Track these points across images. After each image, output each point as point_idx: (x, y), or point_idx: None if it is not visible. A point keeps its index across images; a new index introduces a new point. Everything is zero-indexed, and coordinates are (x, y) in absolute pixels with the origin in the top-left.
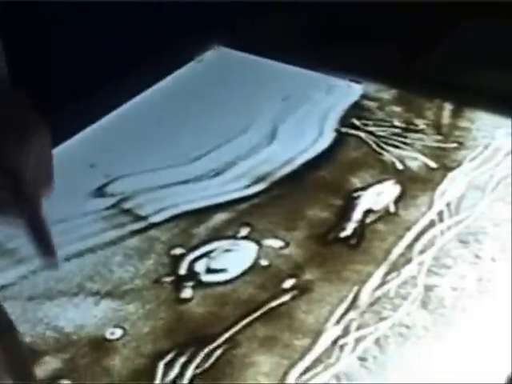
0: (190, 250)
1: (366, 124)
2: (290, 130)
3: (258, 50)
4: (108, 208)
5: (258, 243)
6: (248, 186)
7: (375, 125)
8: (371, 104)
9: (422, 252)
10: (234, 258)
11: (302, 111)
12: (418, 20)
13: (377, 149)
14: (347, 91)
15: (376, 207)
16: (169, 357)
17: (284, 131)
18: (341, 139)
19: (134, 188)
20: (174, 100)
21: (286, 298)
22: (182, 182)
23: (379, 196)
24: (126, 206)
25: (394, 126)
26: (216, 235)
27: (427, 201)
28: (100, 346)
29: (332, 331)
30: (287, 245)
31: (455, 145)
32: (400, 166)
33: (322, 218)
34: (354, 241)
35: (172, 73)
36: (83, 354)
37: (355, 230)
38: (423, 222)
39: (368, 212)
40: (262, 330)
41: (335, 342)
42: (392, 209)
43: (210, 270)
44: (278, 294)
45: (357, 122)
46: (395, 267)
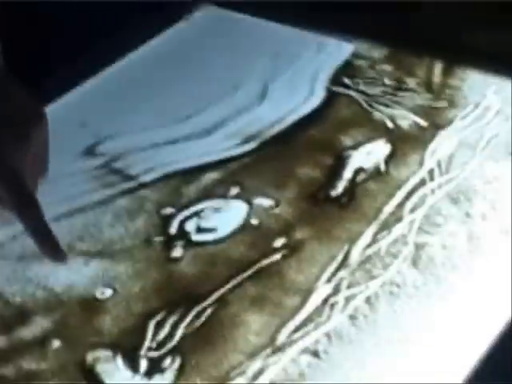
0: (180, 209)
1: (357, 83)
2: (280, 89)
3: (248, 9)
4: (98, 168)
5: (249, 202)
6: (238, 146)
7: (366, 83)
8: (362, 63)
9: (412, 210)
10: (225, 217)
11: (292, 70)
12: None
13: (367, 108)
14: (338, 50)
15: (366, 166)
16: (159, 316)
17: (274, 90)
18: (331, 98)
19: (124, 147)
20: (163, 60)
21: (276, 257)
22: (172, 142)
23: (370, 155)
24: (116, 165)
25: (385, 85)
26: (206, 194)
27: (418, 159)
28: (90, 305)
29: (322, 290)
30: (277, 204)
31: (446, 103)
32: (390, 125)
33: (312, 176)
34: (344, 199)
35: (160, 33)
36: (73, 314)
37: (346, 188)
38: (414, 181)
39: (359, 171)
40: (252, 289)
41: (326, 300)
42: (383, 167)
43: (200, 230)
44: (269, 253)
45: (347, 81)
46: (386, 226)
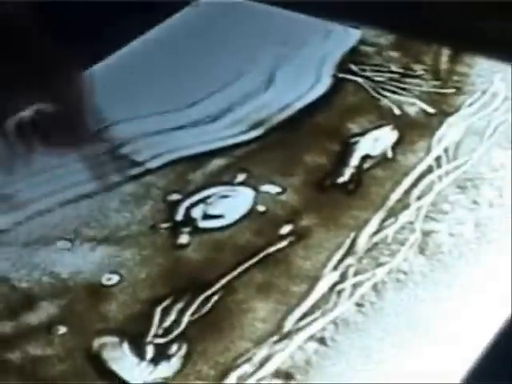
0: (187, 195)
1: (364, 69)
2: (287, 76)
3: None
4: (104, 153)
5: (255, 189)
6: (245, 132)
7: (373, 70)
8: (369, 49)
9: (419, 197)
10: (231, 203)
11: (299, 57)
12: None
13: (374, 94)
14: (345, 36)
15: (373, 153)
16: (166, 303)
17: (281, 77)
18: (338, 85)
19: (131, 133)
20: (170, 46)
21: (283, 244)
22: (179, 128)
23: (377, 142)
24: (123, 151)
25: (392, 72)
26: (213, 181)
27: (425, 146)
28: (96, 291)
29: (329, 277)
30: (284, 190)
31: (453, 90)
32: (398, 112)
33: (319, 163)
34: (351, 186)
35: (168, 18)
36: (80, 300)
37: (352, 175)
38: (421, 168)
39: (365, 158)
40: (258, 276)
41: (332, 287)
42: (390, 154)
43: (206, 216)
44: (275, 240)
45: (354, 68)
46: (393, 213)
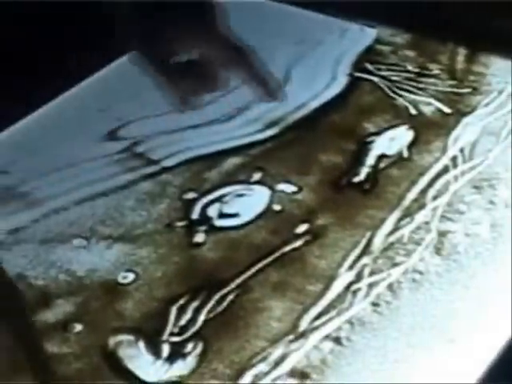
0: (203, 194)
1: (380, 68)
2: (303, 75)
3: None
4: (120, 152)
5: (271, 188)
6: (261, 131)
7: (388, 69)
8: (385, 48)
9: (435, 197)
10: (247, 202)
11: (315, 56)
12: None
13: (390, 93)
14: (360, 35)
15: (389, 152)
16: (181, 301)
17: (297, 76)
18: (354, 84)
19: (147, 132)
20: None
21: (298, 243)
22: (195, 126)
23: (393, 141)
24: (139, 149)
25: (408, 71)
26: (228, 180)
27: (441, 146)
28: (112, 289)
29: (345, 276)
30: (300, 189)
31: (469, 90)
32: (414, 111)
33: (335, 162)
34: (367, 186)
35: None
36: (96, 298)
37: (368, 175)
38: (437, 168)
39: (381, 157)
40: (274, 275)
41: (348, 287)
42: (405, 154)
43: (222, 215)
44: (291, 239)
45: (370, 67)
46: (409, 212)
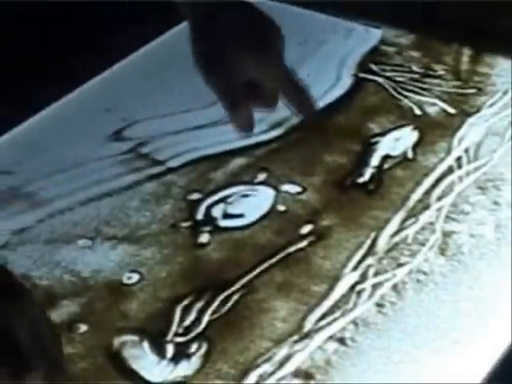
0: (207, 195)
1: (384, 69)
2: (307, 76)
3: None
4: (125, 152)
5: (276, 188)
6: (265, 131)
7: (393, 70)
8: (389, 49)
9: (440, 198)
10: (252, 203)
11: (319, 56)
12: None
13: (395, 94)
14: (365, 36)
15: (394, 153)
16: (186, 301)
17: (301, 76)
18: (359, 84)
19: (152, 132)
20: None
21: (303, 244)
22: (200, 127)
23: (397, 142)
24: (144, 150)
25: (413, 72)
26: (233, 180)
27: (446, 147)
28: (117, 290)
29: (349, 277)
30: (305, 190)
31: (474, 90)
32: (418, 112)
33: (339, 163)
34: (371, 186)
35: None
36: (100, 298)
37: (373, 175)
38: (441, 168)
39: (386, 158)
40: (279, 275)
41: (352, 287)
42: (410, 155)
43: (227, 215)
44: (296, 240)
45: (375, 68)
46: (413, 213)
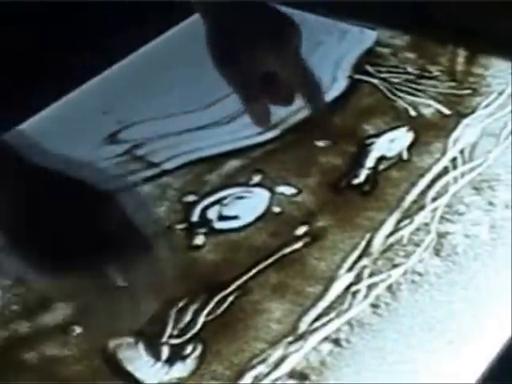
0: (203, 196)
1: (380, 71)
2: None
3: None
4: (120, 155)
5: (271, 190)
6: (261, 133)
7: (388, 71)
8: (385, 50)
9: (435, 199)
10: (247, 204)
11: (315, 58)
12: None
13: (390, 95)
14: (360, 38)
15: (389, 154)
16: (181, 303)
17: None
18: (354, 86)
19: (147, 134)
20: (185, 48)
21: (298, 245)
22: (195, 129)
23: (392, 143)
24: (139, 152)
25: (408, 73)
26: (228, 182)
27: (441, 147)
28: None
29: (344, 278)
30: (300, 192)
31: (469, 91)
32: (413, 113)
33: (334, 164)
34: (366, 188)
35: (184, 20)
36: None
37: (368, 176)
38: (436, 169)
39: (381, 159)
40: (274, 276)
41: (347, 288)
42: (405, 155)
43: (222, 217)
44: (291, 241)
45: (370, 69)
46: (408, 214)
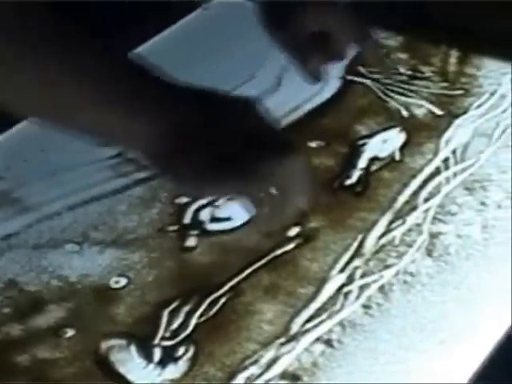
0: (195, 198)
1: (372, 71)
2: (295, 78)
3: None
4: (113, 157)
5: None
6: None
7: (381, 72)
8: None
9: (427, 199)
10: (239, 206)
11: None
12: None
13: (382, 96)
14: None
15: (381, 155)
16: (173, 305)
17: (289, 79)
18: (346, 87)
19: None
20: (180, 48)
21: (290, 246)
22: None
23: (385, 143)
24: (131, 154)
25: (400, 74)
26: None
27: (433, 148)
28: (104, 294)
29: (336, 279)
30: None
31: (461, 92)
32: (406, 114)
33: (327, 165)
34: (359, 188)
35: (179, 20)
36: (88, 303)
37: (360, 177)
38: (429, 170)
39: (373, 160)
40: (266, 278)
41: (339, 289)
42: (397, 156)
43: (214, 219)
44: (283, 242)
45: (362, 70)
46: (400, 215)
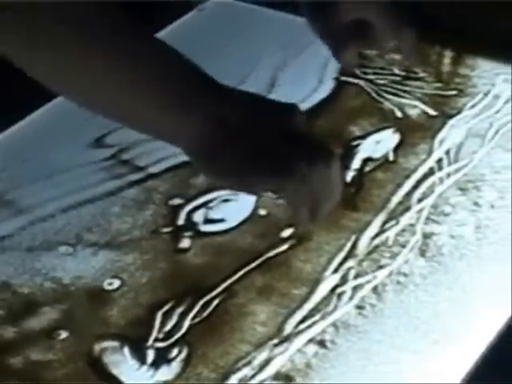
0: (189, 200)
1: (366, 72)
2: (289, 79)
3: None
4: (106, 159)
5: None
6: None
7: (375, 73)
8: (371, 52)
9: (420, 200)
10: (233, 207)
11: (301, 60)
12: None
13: (376, 97)
14: None
15: (375, 155)
16: (167, 307)
17: (283, 80)
18: (340, 88)
19: (133, 138)
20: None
21: (284, 247)
22: None
23: (378, 144)
24: (125, 156)
25: (394, 74)
26: (214, 185)
27: (426, 148)
28: (98, 296)
29: (330, 280)
30: None
31: (455, 92)
32: (399, 114)
33: None
34: (352, 189)
35: (173, 22)
36: (81, 305)
37: (354, 178)
38: (422, 170)
39: (367, 160)
40: (259, 279)
41: (333, 290)
42: (391, 157)
43: (208, 220)
44: (276, 244)
45: (356, 71)
46: (394, 215)
